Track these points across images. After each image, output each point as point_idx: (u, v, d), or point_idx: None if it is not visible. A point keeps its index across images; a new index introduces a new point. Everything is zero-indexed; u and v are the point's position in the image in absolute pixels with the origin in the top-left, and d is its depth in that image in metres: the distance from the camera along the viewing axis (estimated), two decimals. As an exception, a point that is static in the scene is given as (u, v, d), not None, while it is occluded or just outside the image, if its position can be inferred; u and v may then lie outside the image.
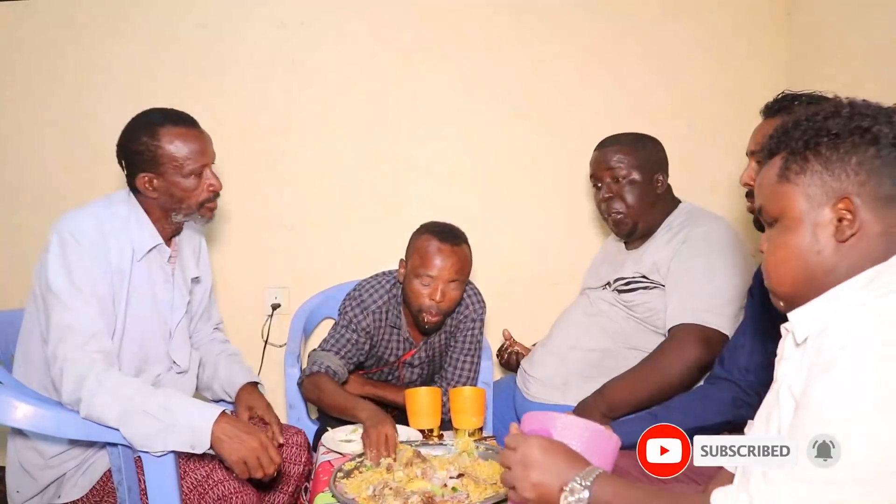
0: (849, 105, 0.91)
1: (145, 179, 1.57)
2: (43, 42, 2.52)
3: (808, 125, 0.90)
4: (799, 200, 0.89)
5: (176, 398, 1.42)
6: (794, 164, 0.90)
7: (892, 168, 0.86)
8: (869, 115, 0.88)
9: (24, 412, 1.40)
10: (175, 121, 1.59)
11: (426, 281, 1.82)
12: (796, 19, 2.38)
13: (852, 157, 0.86)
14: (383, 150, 2.51)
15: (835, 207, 0.87)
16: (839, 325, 0.79)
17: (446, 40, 2.48)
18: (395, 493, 1.33)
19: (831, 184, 0.87)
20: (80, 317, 1.42)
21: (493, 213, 2.52)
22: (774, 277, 0.94)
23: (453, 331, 2.02)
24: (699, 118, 2.46)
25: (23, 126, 2.56)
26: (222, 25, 2.49)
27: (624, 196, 1.84)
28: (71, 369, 1.38)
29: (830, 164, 0.87)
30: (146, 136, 1.55)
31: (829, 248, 0.88)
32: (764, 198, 0.95)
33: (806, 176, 0.89)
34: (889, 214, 0.86)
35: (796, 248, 0.90)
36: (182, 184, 1.58)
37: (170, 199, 1.59)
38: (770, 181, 0.94)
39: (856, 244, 0.86)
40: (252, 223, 2.53)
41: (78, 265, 1.46)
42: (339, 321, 1.96)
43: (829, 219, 0.88)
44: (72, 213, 1.54)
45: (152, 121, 1.58)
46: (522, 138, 2.49)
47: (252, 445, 1.39)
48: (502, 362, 2.14)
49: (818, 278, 0.88)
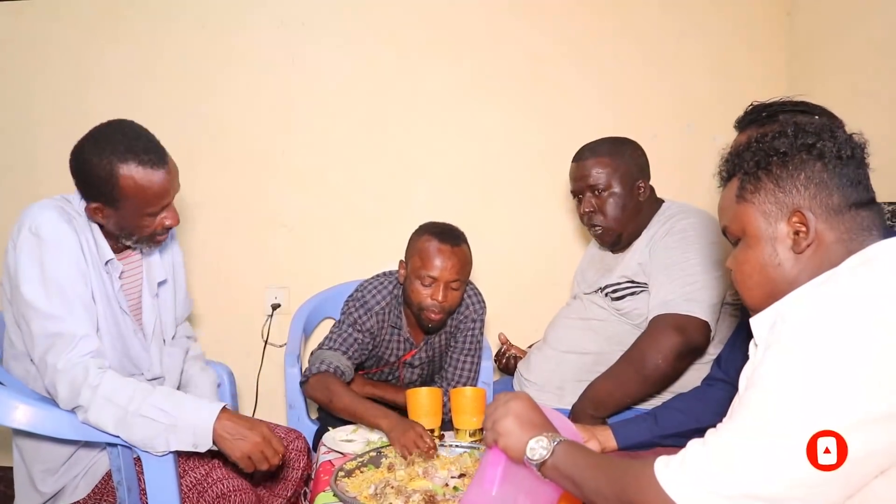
0: (794, 124, 0.96)
1: (95, 208, 1.47)
2: (41, 41, 2.52)
3: (758, 146, 0.97)
4: (756, 218, 0.96)
5: (174, 397, 1.40)
6: (749, 185, 0.97)
7: (839, 179, 0.92)
8: (813, 132, 0.94)
9: (23, 413, 1.39)
10: (140, 158, 1.42)
11: (427, 281, 1.82)
12: (796, 19, 2.38)
13: (801, 173, 0.93)
14: (383, 150, 2.51)
15: (790, 221, 0.93)
16: (784, 314, 0.84)
17: (446, 40, 2.48)
18: (397, 492, 1.33)
19: (784, 200, 0.94)
20: (65, 322, 1.38)
21: (493, 213, 2.52)
22: (744, 292, 1.01)
23: (453, 331, 2.02)
24: (699, 118, 2.46)
25: (23, 125, 2.55)
26: (222, 25, 2.48)
27: (605, 209, 1.82)
28: (63, 379, 1.35)
29: (781, 182, 0.94)
30: (105, 169, 1.41)
31: (788, 259, 0.94)
32: (726, 219, 1.02)
33: (760, 194, 0.96)
34: (841, 222, 0.91)
35: (758, 263, 0.96)
36: (136, 222, 1.48)
37: (119, 230, 1.50)
38: (729, 202, 1.00)
39: (813, 253, 0.92)
40: (252, 223, 2.53)
41: (53, 265, 1.40)
42: (344, 320, 1.94)
43: (785, 232, 0.94)
44: (37, 207, 1.46)
45: (115, 152, 1.41)
46: (523, 138, 2.49)
47: (255, 440, 1.38)
48: (500, 367, 2.14)
49: (782, 289, 0.93)
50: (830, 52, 2.19)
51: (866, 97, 1.99)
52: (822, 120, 1.01)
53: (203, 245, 2.50)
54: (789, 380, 0.78)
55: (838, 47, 2.15)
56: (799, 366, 0.78)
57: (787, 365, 0.79)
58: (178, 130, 1.62)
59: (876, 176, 0.98)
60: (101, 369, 1.38)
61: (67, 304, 1.40)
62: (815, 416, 0.75)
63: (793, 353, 0.79)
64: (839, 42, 2.14)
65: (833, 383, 0.75)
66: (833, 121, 1.29)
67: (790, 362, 0.79)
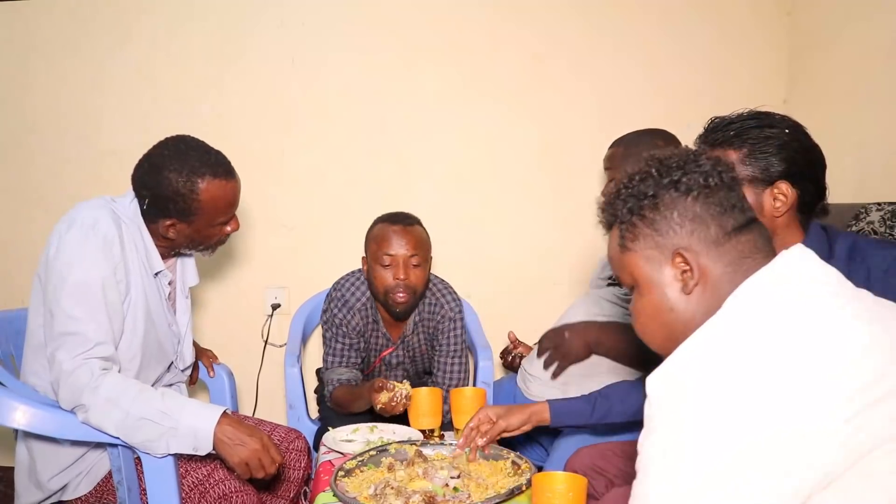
0: (656, 162, 0.94)
1: (170, 225, 1.52)
2: (45, 42, 2.52)
3: (627, 192, 0.95)
4: (642, 266, 0.93)
5: (176, 400, 1.40)
6: (628, 234, 0.94)
7: (712, 209, 0.89)
8: (676, 166, 0.92)
9: (23, 413, 1.39)
10: (216, 172, 1.50)
11: (387, 261, 1.86)
12: (796, 19, 2.38)
13: (673, 212, 0.90)
14: (383, 150, 2.52)
15: (673, 263, 0.90)
16: (661, 396, 0.81)
17: (446, 40, 2.48)
18: (397, 492, 1.33)
19: (663, 243, 0.91)
20: (84, 324, 1.39)
21: (493, 213, 2.52)
22: (647, 341, 0.98)
23: (434, 332, 2.03)
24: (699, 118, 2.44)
25: (25, 126, 2.56)
26: (222, 25, 2.49)
27: None
28: (67, 378, 1.36)
29: (656, 224, 0.91)
30: (184, 186, 1.47)
31: (680, 302, 0.91)
32: (615, 269, 0.99)
33: (640, 241, 0.93)
34: (723, 253, 0.89)
35: (652, 310, 0.93)
36: (206, 231, 1.56)
37: (188, 242, 1.58)
38: (615, 252, 0.98)
39: (703, 291, 0.89)
40: (252, 223, 2.53)
41: (92, 268, 1.42)
42: (327, 332, 2.00)
43: (671, 275, 0.91)
44: (90, 207, 1.48)
45: (193, 170, 1.47)
46: (523, 138, 2.50)
47: (254, 447, 1.38)
48: (506, 364, 2.14)
49: (680, 333, 0.89)
50: (830, 52, 2.19)
51: (866, 97, 1.99)
52: (683, 149, 0.95)
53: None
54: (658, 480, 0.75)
55: (838, 47, 2.15)
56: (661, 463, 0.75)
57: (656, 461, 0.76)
58: (178, 131, 1.62)
59: (876, 176, 0.98)
60: (104, 371, 1.39)
61: (92, 309, 1.41)
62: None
63: (662, 445, 0.76)
64: (839, 42, 2.14)
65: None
66: (794, 130, 1.25)
67: (657, 458, 0.76)
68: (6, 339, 1.66)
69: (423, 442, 1.62)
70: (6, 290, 2.48)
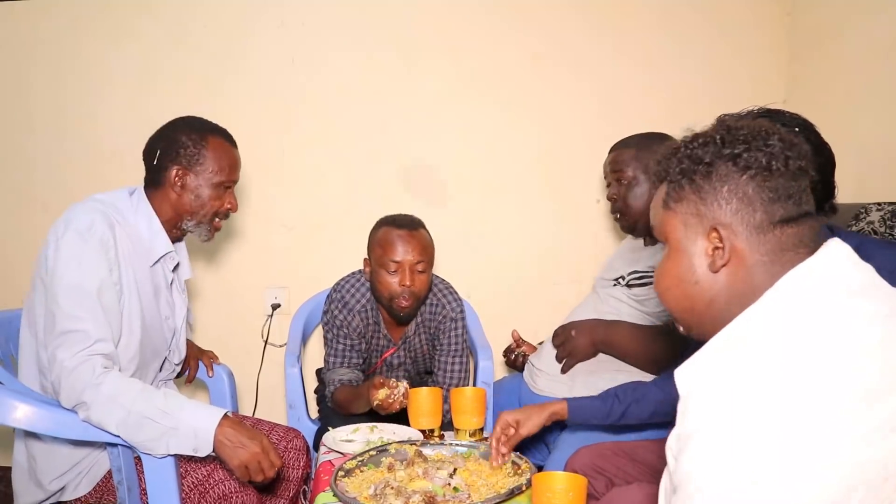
0: (724, 131, 0.90)
1: (179, 172, 1.60)
2: (45, 42, 2.52)
3: (684, 154, 0.91)
4: (678, 228, 0.90)
5: (177, 401, 1.40)
6: (674, 193, 0.91)
7: (765, 194, 0.85)
8: (742, 139, 0.87)
9: (23, 412, 1.39)
10: (223, 134, 1.67)
11: (392, 268, 1.85)
12: (796, 19, 2.38)
13: (724, 186, 0.86)
14: (383, 150, 2.52)
15: (708, 237, 0.87)
16: (695, 394, 0.77)
17: (446, 40, 2.48)
18: (397, 492, 1.33)
19: (705, 213, 0.87)
20: (84, 323, 1.40)
21: (494, 213, 2.52)
22: (664, 303, 0.95)
23: (435, 332, 2.03)
24: (699, 118, 2.44)
25: (24, 126, 2.56)
26: (223, 25, 2.49)
27: (625, 197, 1.87)
28: (68, 376, 1.36)
29: (704, 194, 0.87)
30: (195, 135, 1.61)
31: (705, 278, 0.88)
32: (654, 222, 0.97)
33: (683, 204, 0.90)
34: (765, 241, 0.84)
35: (676, 276, 0.91)
36: (208, 191, 1.63)
37: (189, 202, 1.62)
38: (657, 206, 0.95)
39: (731, 274, 0.86)
40: (252, 223, 2.54)
41: (90, 270, 1.43)
42: (328, 333, 1.99)
43: (703, 249, 0.88)
44: (83, 210, 1.50)
45: (203, 125, 1.65)
46: (523, 138, 2.50)
47: (254, 450, 1.38)
48: (508, 363, 2.14)
49: (700, 309, 0.88)
50: (830, 52, 2.19)
51: (866, 97, 1.99)
52: (757, 123, 0.90)
53: (203, 245, 2.50)
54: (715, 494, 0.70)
55: (838, 47, 2.15)
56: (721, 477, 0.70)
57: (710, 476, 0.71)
58: (178, 130, 1.64)
59: (876, 176, 0.97)
60: (106, 369, 1.39)
61: (92, 309, 1.42)
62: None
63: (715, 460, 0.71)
64: (839, 42, 2.14)
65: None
66: (804, 128, 1.26)
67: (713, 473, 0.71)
68: (6, 339, 1.65)
69: (423, 442, 1.62)
70: (6, 290, 2.48)
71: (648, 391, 1.52)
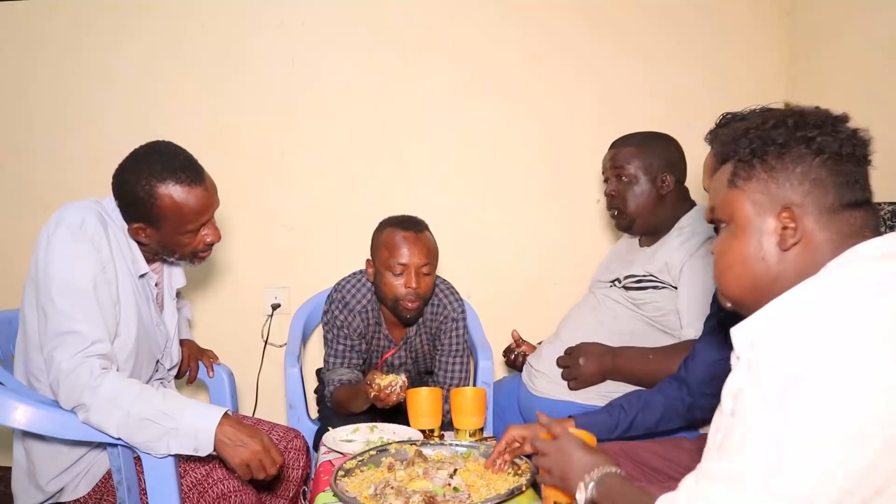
0: (797, 114, 0.92)
1: (137, 228, 1.51)
2: (45, 42, 2.52)
3: (756, 134, 0.93)
4: (745, 207, 0.92)
5: (177, 401, 1.40)
6: (742, 172, 0.93)
7: (836, 177, 0.88)
8: (814, 124, 0.90)
9: (23, 413, 1.39)
10: (178, 177, 1.46)
11: (398, 270, 1.85)
12: (796, 19, 2.38)
13: (797, 167, 0.89)
14: (383, 150, 2.52)
15: (779, 216, 0.90)
16: (761, 337, 0.80)
17: (446, 40, 2.48)
18: (397, 492, 1.33)
19: (776, 192, 0.90)
20: (80, 323, 1.39)
21: (494, 213, 2.52)
22: (722, 281, 0.97)
23: (436, 332, 2.03)
24: (699, 118, 2.45)
25: (23, 126, 2.56)
26: (222, 25, 2.49)
27: (623, 195, 1.87)
28: (66, 377, 1.36)
29: (775, 174, 0.90)
30: (144, 189, 1.45)
31: (773, 255, 0.90)
32: (716, 201, 0.98)
33: (752, 183, 0.92)
34: (833, 222, 0.88)
35: (741, 254, 0.92)
36: (177, 239, 1.52)
37: (161, 248, 1.55)
38: (721, 185, 0.97)
39: (800, 253, 0.88)
40: (252, 223, 2.53)
41: (82, 268, 1.42)
42: (328, 333, 1.99)
43: (773, 227, 0.90)
44: (76, 208, 1.48)
45: (153, 172, 1.46)
46: (523, 137, 2.49)
47: (255, 448, 1.38)
48: (508, 363, 2.14)
49: (764, 286, 0.90)
50: (830, 52, 2.19)
51: (866, 97, 1.99)
52: (824, 111, 0.93)
53: (203, 245, 2.51)
54: (772, 431, 0.74)
55: (838, 47, 2.15)
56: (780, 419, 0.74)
57: (769, 416, 0.75)
58: (178, 131, 1.63)
59: (876, 176, 0.97)
60: (104, 370, 1.38)
61: (87, 307, 1.41)
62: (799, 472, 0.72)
63: (772, 399, 0.75)
64: (839, 42, 2.14)
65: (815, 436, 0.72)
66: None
67: (770, 414, 0.74)
68: (6, 339, 1.66)
69: (423, 442, 1.62)
70: (6, 290, 2.47)
71: (652, 398, 1.52)
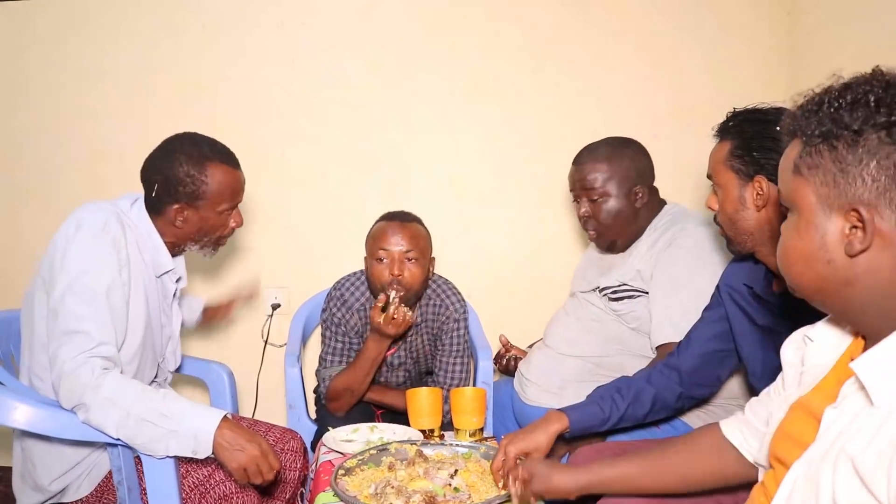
0: (883, 85, 0.78)
1: (178, 210, 1.57)
2: (43, 42, 2.52)
3: (828, 113, 0.78)
4: (810, 198, 0.79)
5: (177, 403, 1.40)
6: (808, 158, 0.80)
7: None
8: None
9: (23, 413, 1.39)
10: (223, 158, 1.60)
11: (382, 256, 1.86)
12: (796, 19, 2.38)
13: (871, 161, 0.74)
14: (383, 151, 2.51)
15: (846, 216, 0.76)
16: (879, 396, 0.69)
17: (446, 40, 2.48)
18: (397, 491, 1.33)
19: (845, 189, 0.76)
20: (87, 323, 1.39)
21: (492, 214, 2.52)
22: (789, 274, 0.85)
23: (437, 332, 2.02)
24: (699, 117, 2.45)
25: (23, 126, 2.56)
26: (222, 25, 2.49)
27: (599, 215, 1.80)
28: (68, 376, 1.36)
29: (845, 165, 0.76)
30: (193, 168, 1.55)
31: (840, 260, 0.77)
32: (781, 182, 0.86)
33: (819, 174, 0.78)
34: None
35: (805, 251, 0.80)
36: (211, 220, 1.61)
37: (193, 232, 1.61)
38: (787, 167, 0.84)
39: (874, 258, 0.75)
40: (252, 223, 2.53)
41: (98, 270, 1.43)
42: (326, 330, 1.99)
43: (838, 227, 0.77)
44: (94, 209, 1.50)
45: (202, 153, 1.57)
46: (521, 139, 2.49)
47: (253, 453, 1.37)
48: (500, 368, 2.14)
49: (834, 289, 0.79)
50: (830, 52, 2.19)
51: (866, 97, 1.98)
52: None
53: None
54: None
55: (838, 47, 2.15)
56: None
57: None
58: (177, 131, 1.63)
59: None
60: (105, 370, 1.38)
61: (98, 309, 1.42)
62: None
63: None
64: (839, 42, 2.14)
65: None
66: None
67: None
68: (6, 339, 1.65)
69: (423, 442, 1.62)
70: (6, 290, 2.47)
71: (643, 391, 1.51)
